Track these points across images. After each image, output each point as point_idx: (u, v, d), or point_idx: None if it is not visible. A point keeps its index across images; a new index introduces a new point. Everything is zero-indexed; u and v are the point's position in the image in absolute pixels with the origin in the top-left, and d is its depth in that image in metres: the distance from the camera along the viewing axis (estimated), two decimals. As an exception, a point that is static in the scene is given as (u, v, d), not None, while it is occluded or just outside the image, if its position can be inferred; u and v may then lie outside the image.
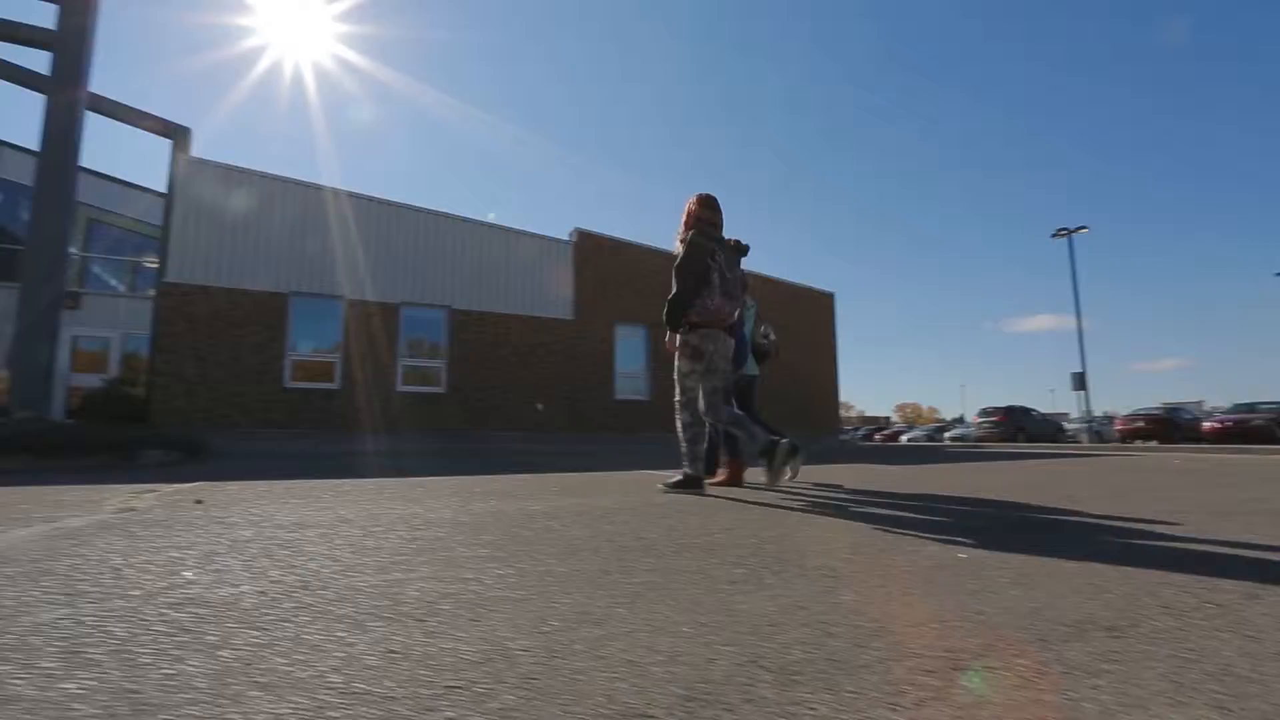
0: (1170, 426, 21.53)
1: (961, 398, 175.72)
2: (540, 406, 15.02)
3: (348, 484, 4.52)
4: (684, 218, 4.22)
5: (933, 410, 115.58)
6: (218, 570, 1.76)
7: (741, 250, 4.34)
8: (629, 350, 16.57)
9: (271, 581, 1.64)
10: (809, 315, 20.71)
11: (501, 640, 1.21)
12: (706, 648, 1.19)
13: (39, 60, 9.08)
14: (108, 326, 16.30)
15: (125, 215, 19.50)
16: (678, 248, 4.10)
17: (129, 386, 12.74)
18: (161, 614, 1.34)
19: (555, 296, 15.68)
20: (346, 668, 1.06)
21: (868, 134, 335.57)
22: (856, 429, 53.55)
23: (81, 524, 2.57)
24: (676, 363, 4.17)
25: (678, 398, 4.18)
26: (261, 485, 4.37)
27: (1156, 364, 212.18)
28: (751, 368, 5.30)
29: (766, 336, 5.48)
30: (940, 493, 4.36)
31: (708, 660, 1.13)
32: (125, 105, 12.77)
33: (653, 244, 17.21)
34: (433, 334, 14.43)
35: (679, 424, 4.15)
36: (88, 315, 16.02)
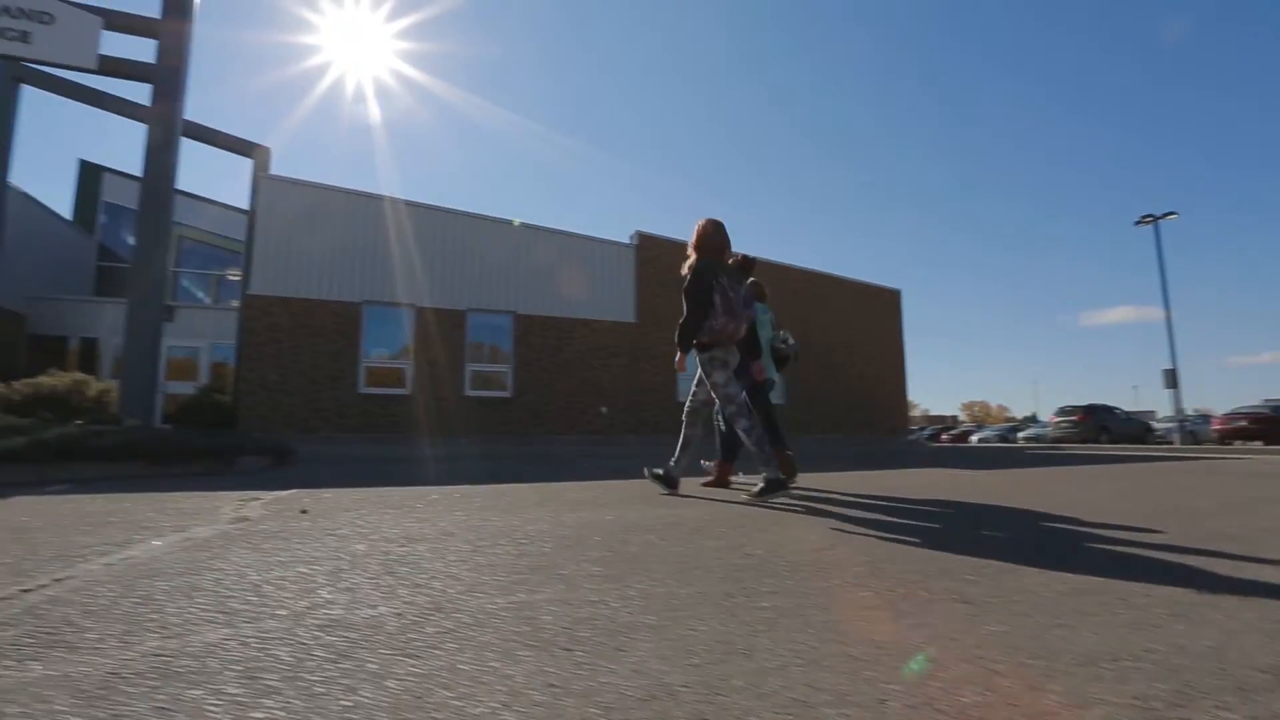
0: (1278, 426, 19.89)
1: (1034, 395, 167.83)
2: (604, 410, 15.12)
3: (434, 492, 4.62)
4: (692, 242, 4.41)
5: (1002, 408, 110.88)
6: (349, 589, 1.81)
7: (747, 266, 4.74)
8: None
9: (405, 603, 1.67)
10: (875, 313, 20.19)
11: (657, 674, 1.19)
12: (870, 686, 1.14)
13: (140, 92, 9.72)
14: (196, 336, 17.26)
15: (200, 228, 20.60)
16: (685, 272, 4.34)
17: (218, 394, 13.45)
18: (315, 637, 1.38)
19: (618, 300, 15.76)
20: (515, 704, 1.06)
21: (934, 127, 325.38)
22: (922, 429, 51.92)
23: (208, 534, 2.70)
24: (711, 379, 4.34)
25: (729, 410, 4.33)
26: (354, 493, 4.52)
27: (1256, 357, 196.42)
28: (769, 372, 5.47)
29: (785, 341, 5.62)
30: (1047, 509, 4.15)
31: (879, 701, 1.08)
32: (212, 129, 13.52)
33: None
34: (498, 339, 14.72)
35: (741, 433, 4.27)
36: (177, 326, 17.03)
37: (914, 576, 2.01)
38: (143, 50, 9.21)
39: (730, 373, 4.34)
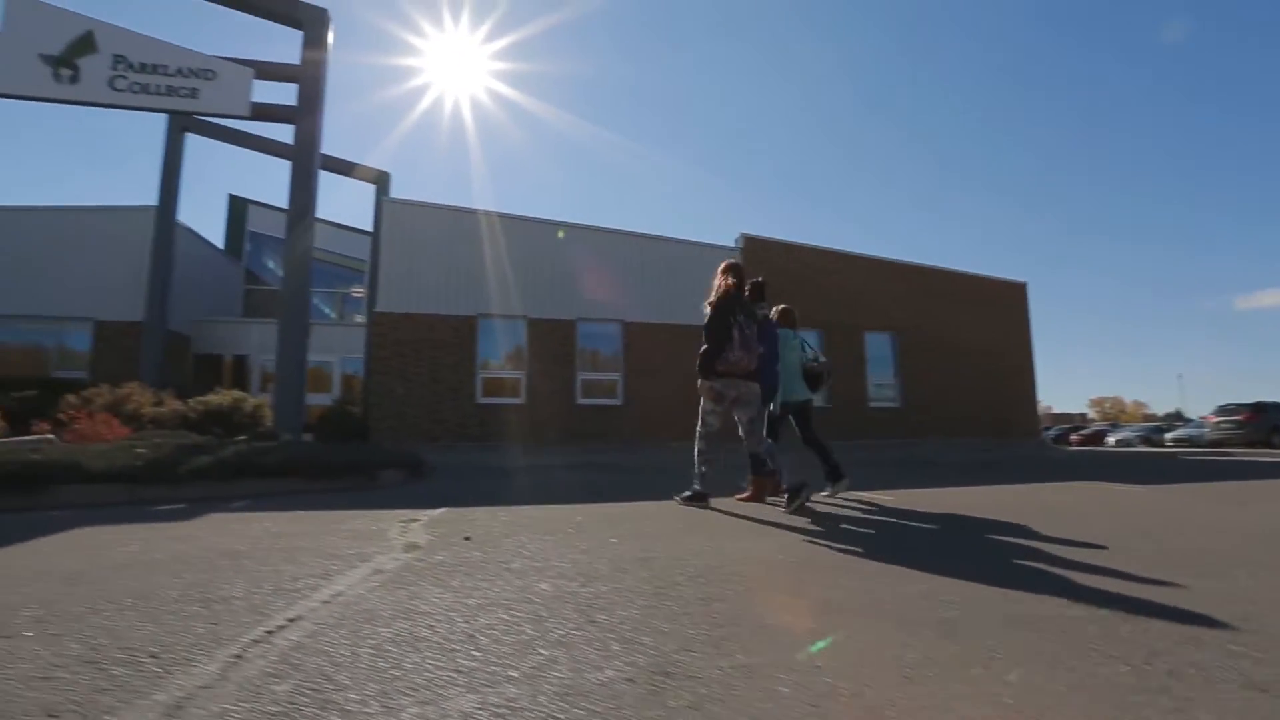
0: None
1: (1179, 390, 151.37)
2: (712, 416, 14.99)
3: (578, 513, 4.67)
4: (714, 282, 4.99)
5: (1139, 405, 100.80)
6: (562, 643, 1.79)
7: (759, 291, 5.47)
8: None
9: (627, 664, 1.63)
10: (999, 308, 18.86)
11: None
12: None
13: (282, 131, 10.56)
14: (327, 351, 18.56)
15: (323, 248, 22.02)
16: (706, 310, 4.87)
17: (349, 405, 14.41)
18: (563, 709, 1.36)
19: (724, 305, 15.61)
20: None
21: (1055, 122, 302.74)
22: (1048, 428, 48.11)
23: (394, 566, 2.81)
24: (702, 404, 5.05)
25: (699, 429, 5.14)
26: (501, 514, 4.63)
27: None
28: (804, 392, 5.90)
29: (816, 360, 5.98)
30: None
31: None
32: (340, 159, 14.52)
33: (825, 244, 16.57)
34: (608, 347, 14.93)
35: (695, 450, 5.15)
36: (311, 342, 18.40)
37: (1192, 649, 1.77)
38: (285, 94, 9.99)
39: (724, 403, 4.93)
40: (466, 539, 3.52)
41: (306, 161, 9.80)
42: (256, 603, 2.20)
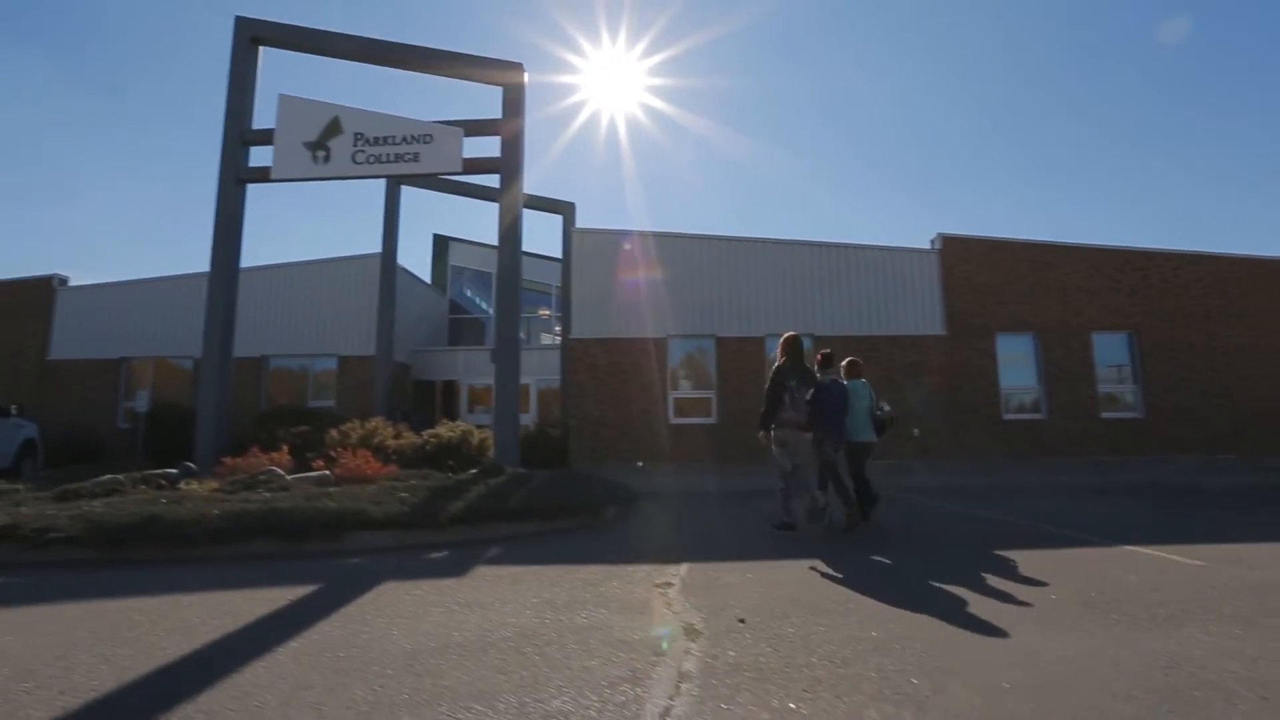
0: None
1: None
2: (916, 432, 13.94)
3: (827, 576, 4.41)
4: (777, 350, 6.42)
5: None
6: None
7: (827, 360, 6.57)
8: (1016, 363, 14.47)
9: None
10: (1273, 296, 15.46)
11: None
12: None
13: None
14: (525, 374, 19.83)
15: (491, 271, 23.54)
16: (769, 374, 6.30)
17: (549, 429, 15.27)
18: None
19: (923, 312, 14.47)
20: None
21: None
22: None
23: (694, 668, 2.76)
24: (772, 451, 6.26)
25: (778, 474, 6.29)
26: (749, 574, 4.51)
27: None
28: (868, 434, 6.54)
29: (881, 408, 6.67)
30: None
31: None
32: (533, 195, 15.44)
33: (1035, 237, 14.81)
34: (796, 364, 14.48)
35: (780, 490, 6.24)
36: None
37: None
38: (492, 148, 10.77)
39: (788, 449, 6.12)
40: (740, 621, 3.42)
41: (512, 207, 10.49)
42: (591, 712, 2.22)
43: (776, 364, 6.24)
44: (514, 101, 10.70)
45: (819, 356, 6.62)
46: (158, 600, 3.97)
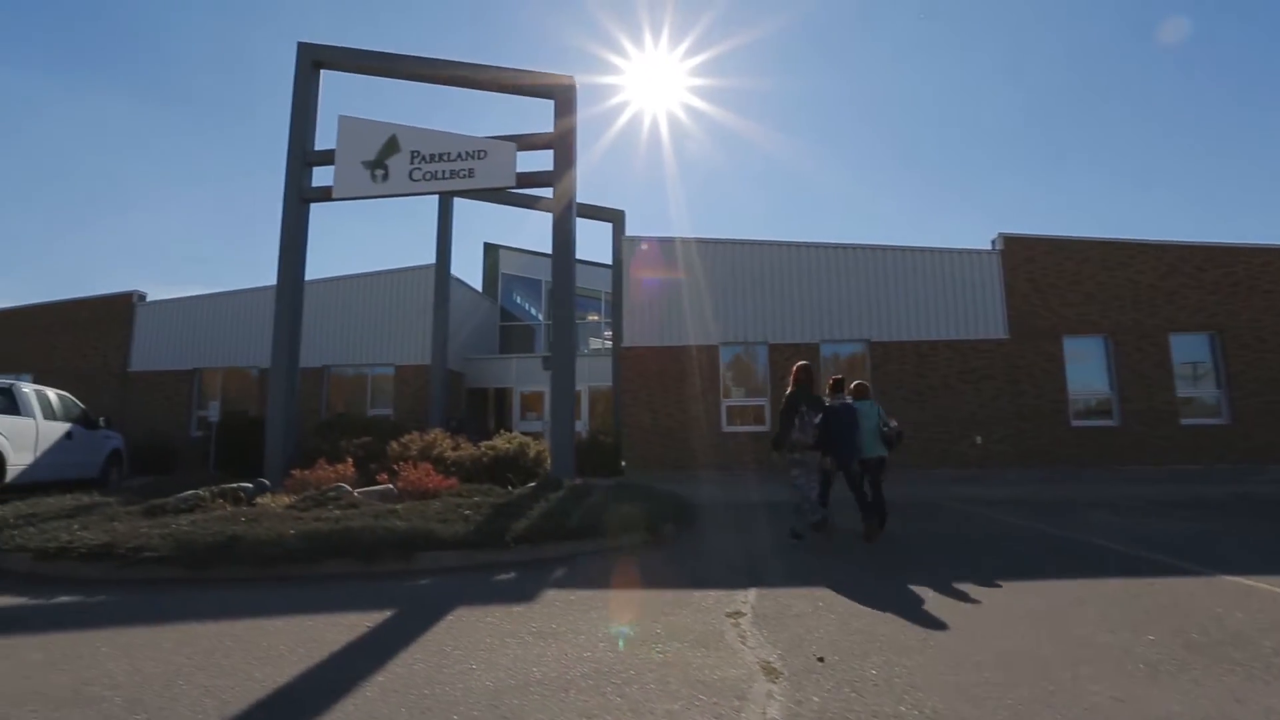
0: None
1: None
2: (979, 440, 13.51)
3: (902, 607, 4.29)
4: (792, 377, 7.09)
5: None
6: None
7: (838, 385, 7.20)
8: (1084, 366, 13.88)
9: None
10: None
11: None
12: None
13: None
14: (576, 380, 19.96)
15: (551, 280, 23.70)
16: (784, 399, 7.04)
17: (602, 435, 15.34)
18: None
19: (984, 315, 14.02)
20: None
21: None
22: None
23: (779, 713, 2.71)
24: (790, 471, 7.01)
25: (794, 486, 6.97)
26: (821, 604, 4.41)
27: None
28: (879, 449, 7.02)
29: (887, 425, 7.11)
30: None
31: None
32: (583, 204, 15.53)
33: (1099, 234, 14.16)
34: (855, 370, 14.20)
35: (795, 502, 6.96)
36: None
37: None
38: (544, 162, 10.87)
39: (804, 467, 6.84)
40: (819, 660, 3.35)
41: (565, 220, 10.56)
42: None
43: (789, 390, 7.01)
44: (566, 114, 10.77)
45: (830, 382, 7.33)
46: (245, 625, 4.12)
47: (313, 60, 11.57)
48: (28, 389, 10.48)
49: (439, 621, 4.15)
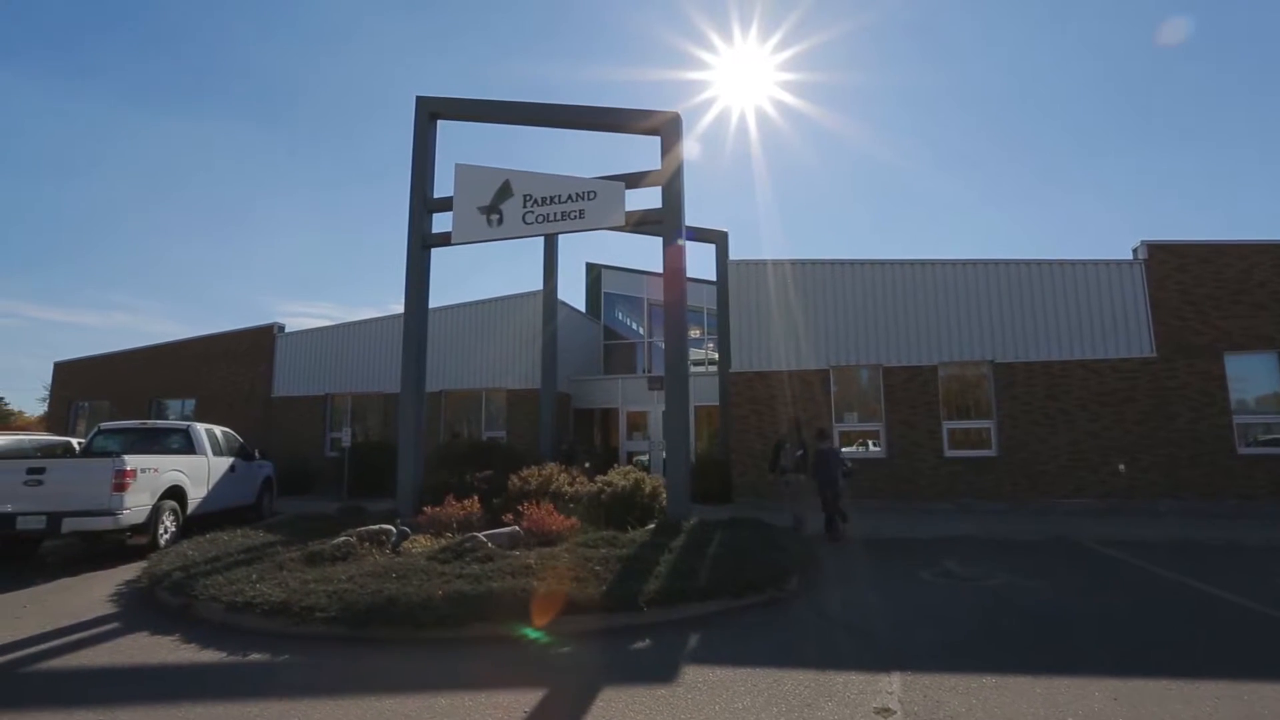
0: None
1: None
2: (1122, 467, 12.43)
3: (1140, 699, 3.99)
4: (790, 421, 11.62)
5: None
6: None
7: (825, 433, 11.36)
8: (1254, 387, 12.47)
9: None
10: None
11: None
12: None
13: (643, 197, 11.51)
14: (678, 397, 20.00)
15: (652, 298, 23.45)
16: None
17: (710, 461, 15.31)
18: None
19: (1125, 331, 12.88)
20: None
21: None
22: None
23: None
24: (786, 491, 10.81)
25: (786, 500, 10.73)
26: (970, 693, 4.20)
27: None
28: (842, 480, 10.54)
29: (846, 465, 10.79)
30: None
31: None
32: (689, 226, 15.52)
33: (1257, 237, 12.72)
34: (972, 393, 13.45)
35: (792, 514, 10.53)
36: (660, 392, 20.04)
37: None
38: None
39: (793, 488, 10.80)
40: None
41: (676, 256, 10.60)
42: None
43: (779, 437, 11.59)
44: (672, 149, 10.81)
45: (816, 431, 11.30)
46: (415, 703, 4.41)
47: (430, 112, 12.22)
48: (200, 429, 11.70)
49: (590, 706, 4.28)
